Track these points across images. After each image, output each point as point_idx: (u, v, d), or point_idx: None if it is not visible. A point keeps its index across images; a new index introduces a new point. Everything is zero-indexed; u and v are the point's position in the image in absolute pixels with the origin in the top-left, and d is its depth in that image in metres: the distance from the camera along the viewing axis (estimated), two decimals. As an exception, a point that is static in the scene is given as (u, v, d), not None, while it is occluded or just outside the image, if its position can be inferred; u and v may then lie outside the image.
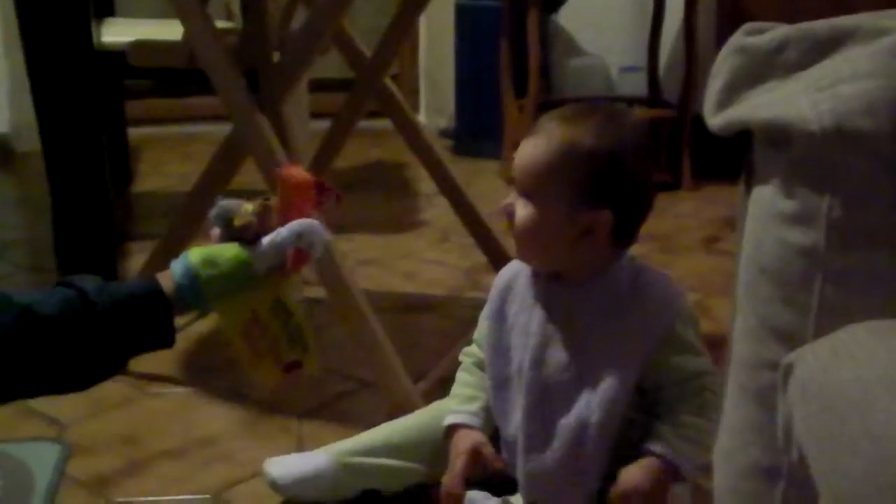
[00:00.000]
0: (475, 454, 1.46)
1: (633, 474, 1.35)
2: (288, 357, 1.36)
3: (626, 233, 1.43)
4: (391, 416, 1.68)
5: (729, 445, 1.02)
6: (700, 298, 2.37)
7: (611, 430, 1.39)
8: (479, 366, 1.54)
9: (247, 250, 1.32)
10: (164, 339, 1.29)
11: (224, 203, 1.35)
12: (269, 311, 1.34)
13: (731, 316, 1.04)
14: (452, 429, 1.50)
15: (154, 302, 1.27)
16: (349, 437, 1.65)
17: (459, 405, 1.52)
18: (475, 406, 1.51)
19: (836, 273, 0.89)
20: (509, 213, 1.43)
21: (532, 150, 1.41)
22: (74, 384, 1.25)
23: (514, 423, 1.44)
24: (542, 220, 1.40)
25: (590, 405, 1.39)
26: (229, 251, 1.31)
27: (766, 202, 0.95)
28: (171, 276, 1.29)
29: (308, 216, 1.35)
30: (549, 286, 1.45)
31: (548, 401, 1.42)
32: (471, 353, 1.57)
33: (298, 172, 1.39)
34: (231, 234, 1.34)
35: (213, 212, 1.36)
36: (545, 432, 1.42)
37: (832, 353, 0.82)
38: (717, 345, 1.33)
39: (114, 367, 1.27)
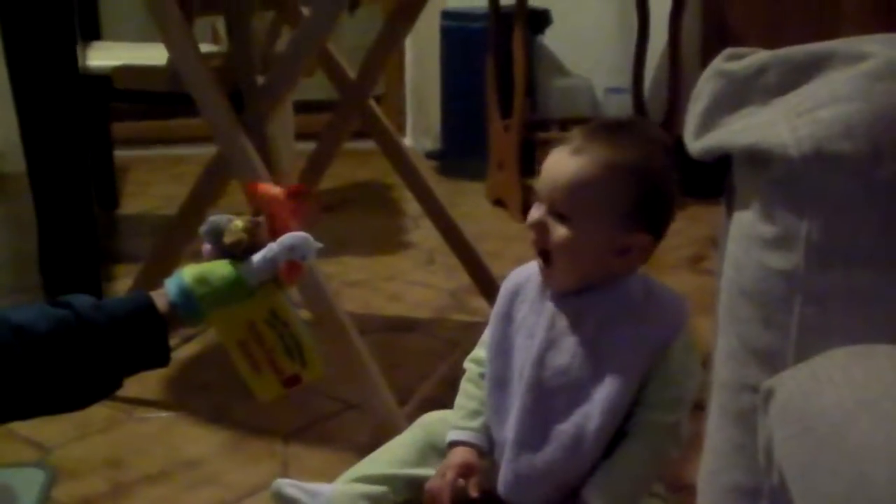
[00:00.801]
0: (464, 470, 1.46)
1: None
2: (287, 370, 1.36)
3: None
4: (376, 437, 1.68)
5: (711, 466, 1.03)
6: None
7: (607, 437, 1.39)
8: (478, 379, 1.53)
9: (238, 267, 1.32)
10: (159, 357, 1.28)
11: (214, 219, 1.35)
12: (265, 322, 1.34)
13: (713, 336, 1.04)
14: (453, 444, 1.49)
15: (149, 320, 1.26)
16: (335, 459, 1.64)
17: (463, 420, 1.51)
18: (477, 422, 1.50)
19: (816, 295, 0.90)
20: (539, 231, 1.42)
21: (574, 169, 1.38)
22: (69, 404, 1.24)
23: (508, 424, 1.44)
24: (582, 240, 1.38)
25: (589, 412, 1.39)
26: (221, 269, 1.31)
27: (746, 225, 0.96)
28: (165, 294, 1.29)
29: (293, 228, 1.35)
30: (561, 292, 1.45)
31: (545, 402, 1.42)
32: (477, 360, 1.56)
33: (269, 187, 1.39)
34: (222, 250, 1.34)
35: (203, 228, 1.36)
36: (540, 434, 1.41)
37: (812, 377, 0.83)
38: (702, 365, 1.33)
39: (109, 386, 1.26)
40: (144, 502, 1.71)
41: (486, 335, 1.54)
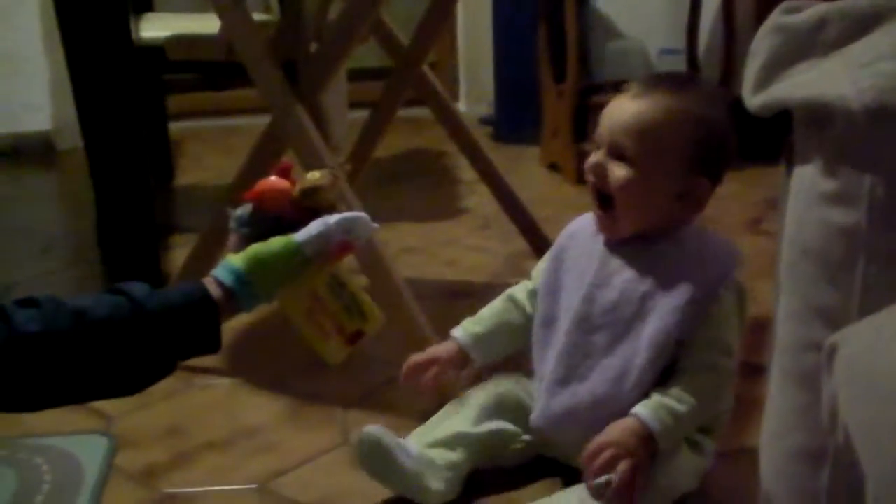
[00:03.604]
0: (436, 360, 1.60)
1: (609, 430, 1.37)
2: (350, 328, 1.38)
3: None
4: (435, 403, 1.68)
5: (774, 429, 1.02)
6: (744, 281, 2.34)
7: (652, 376, 1.40)
8: (513, 299, 1.63)
9: (293, 238, 1.33)
10: (211, 344, 1.30)
11: (238, 211, 1.37)
12: (327, 288, 1.36)
13: (773, 298, 1.03)
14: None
15: (202, 308, 1.28)
16: (395, 426, 1.64)
17: (469, 323, 1.63)
18: (477, 328, 1.62)
19: (880, 253, 0.88)
20: (598, 173, 1.45)
21: (635, 110, 1.43)
22: (123, 388, 1.26)
23: (551, 361, 1.46)
24: (643, 180, 1.43)
25: (636, 347, 1.40)
26: (272, 246, 1.32)
27: (807, 182, 0.94)
28: (218, 282, 1.30)
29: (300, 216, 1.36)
30: (617, 240, 1.48)
31: (589, 338, 1.45)
32: (513, 293, 1.65)
33: (265, 182, 1.41)
34: (252, 236, 1.35)
35: (231, 223, 1.37)
36: (584, 368, 1.44)
37: (877, 334, 0.81)
38: (762, 328, 1.32)
39: (162, 371, 1.28)
40: (206, 469, 1.72)
41: (536, 271, 1.62)
